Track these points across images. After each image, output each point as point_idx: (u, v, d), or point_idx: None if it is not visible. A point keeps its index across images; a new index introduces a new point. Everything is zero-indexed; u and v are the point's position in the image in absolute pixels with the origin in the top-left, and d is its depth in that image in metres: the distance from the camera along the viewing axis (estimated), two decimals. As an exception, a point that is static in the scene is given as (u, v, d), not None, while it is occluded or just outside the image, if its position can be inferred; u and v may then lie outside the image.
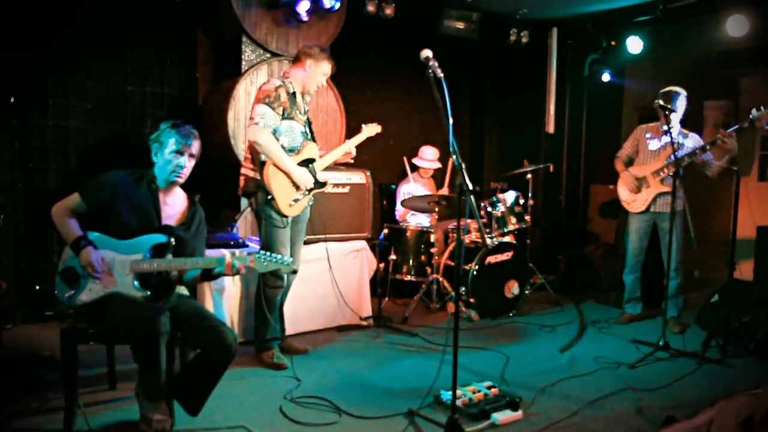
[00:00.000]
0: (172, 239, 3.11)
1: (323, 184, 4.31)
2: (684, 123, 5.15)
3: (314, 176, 4.22)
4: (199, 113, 5.41)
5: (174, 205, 3.22)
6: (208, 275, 3.15)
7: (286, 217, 4.10)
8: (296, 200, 4.13)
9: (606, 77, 6.88)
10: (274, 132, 3.99)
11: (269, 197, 4.01)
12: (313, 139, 4.33)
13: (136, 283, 3.03)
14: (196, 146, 3.17)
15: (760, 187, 6.93)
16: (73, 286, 3.00)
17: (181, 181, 3.18)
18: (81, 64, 4.89)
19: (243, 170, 4.19)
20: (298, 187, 4.12)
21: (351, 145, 4.48)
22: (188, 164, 3.16)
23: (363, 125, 4.65)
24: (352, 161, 4.61)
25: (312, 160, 4.23)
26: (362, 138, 4.58)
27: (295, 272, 4.32)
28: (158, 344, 2.84)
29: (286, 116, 4.04)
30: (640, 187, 5.15)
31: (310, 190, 4.23)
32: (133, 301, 2.98)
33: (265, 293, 4.16)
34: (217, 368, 3.05)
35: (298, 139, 4.15)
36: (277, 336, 4.28)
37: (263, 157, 4.00)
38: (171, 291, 3.24)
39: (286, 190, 4.07)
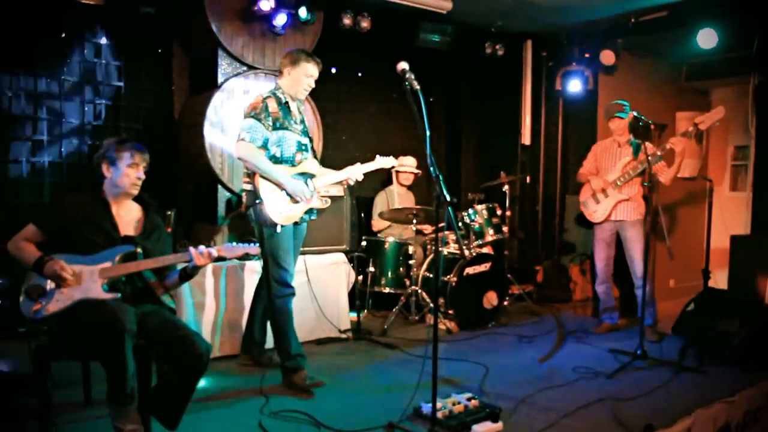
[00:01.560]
0: (139, 248, 3.12)
1: (322, 203, 4.14)
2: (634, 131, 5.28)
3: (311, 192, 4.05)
4: (175, 126, 5.37)
5: (128, 215, 3.23)
6: (186, 274, 3.21)
7: (275, 225, 3.87)
8: (287, 211, 3.92)
9: (576, 85, 6.91)
10: (265, 143, 3.86)
11: (257, 201, 3.84)
12: (314, 154, 4.19)
13: (105, 286, 3.00)
14: (147, 159, 3.24)
15: (733, 197, 7.06)
16: (40, 300, 2.95)
17: (136, 193, 3.21)
18: (55, 77, 4.83)
19: (243, 185, 4.01)
20: (290, 198, 3.93)
21: (358, 171, 4.30)
22: (142, 176, 3.21)
23: (378, 155, 4.51)
24: (352, 184, 4.40)
25: (310, 176, 4.07)
26: (373, 167, 4.42)
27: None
28: (122, 342, 2.77)
29: (278, 126, 3.90)
30: (602, 196, 5.24)
31: (299, 202, 3.97)
32: (99, 303, 2.94)
33: (276, 304, 3.96)
34: (190, 378, 3.00)
35: (292, 149, 3.98)
36: (302, 352, 4.05)
37: None
38: (144, 298, 3.19)
39: (277, 198, 3.88)
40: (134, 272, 3.11)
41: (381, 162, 4.50)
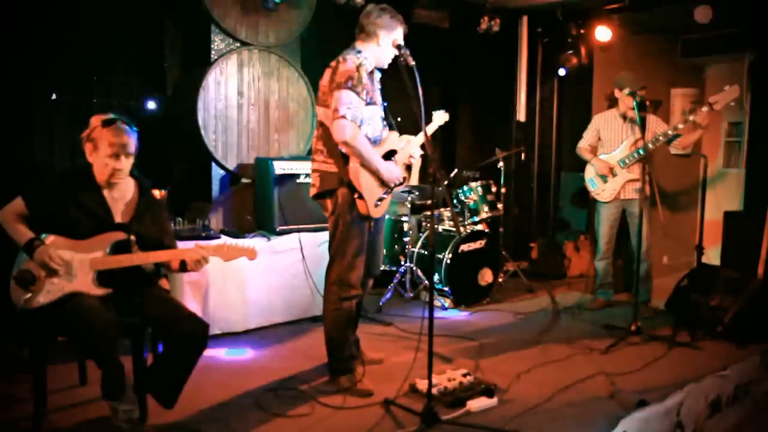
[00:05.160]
0: (132, 236, 3.00)
1: (402, 181, 3.68)
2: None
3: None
4: (168, 103, 5.32)
5: (123, 198, 3.08)
6: (184, 267, 3.05)
7: (369, 219, 3.54)
8: (381, 199, 3.54)
9: (571, 61, 6.87)
10: (362, 122, 3.41)
11: (356, 195, 3.42)
12: (391, 126, 3.69)
13: (96, 281, 2.91)
14: (132, 144, 2.99)
15: (726, 174, 7.06)
16: (29, 289, 2.88)
17: (121, 181, 3.03)
18: (45, 53, 4.76)
19: (315, 165, 3.54)
20: (382, 184, 3.54)
21: (429, 131, 3.78)
22: (126, 164, 2.99)
23: (433, 112, 4.10)
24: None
25: (393, 152, 3.64)
26: (435, 126, 4.10)
27: (376, 276, 3.93)
28: (103, 350, 2.76)
29: (369, 101, 3.45)
30: (609, 176, 5.20)
31: (392, 187, 3.62)
32: (84, 303, 2.83)
33: (341, 306, 3.55)
34: (189, 358, 2.99)
35: (379, 128, 3.57)
36: (353, 353, 3.71)
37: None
38: (139, 282, 3.09)
39: (372, 189, 3.47)
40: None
41: (439, 118, 4.15)
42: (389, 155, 3.63)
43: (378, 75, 3.67)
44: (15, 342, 3.90)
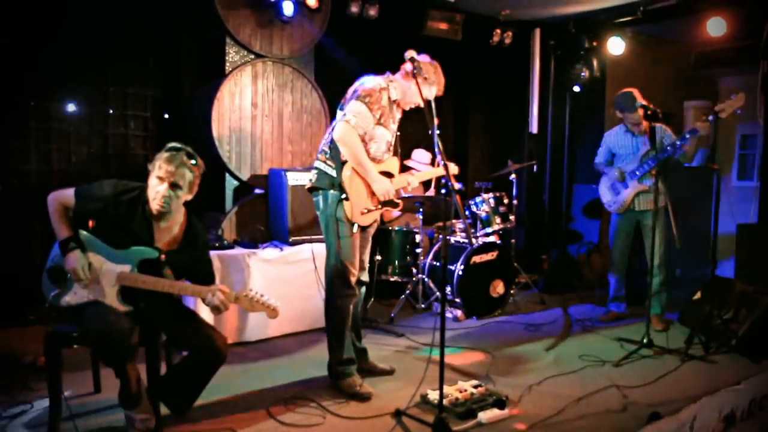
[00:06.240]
0: (163, 256, 3.00)
1: (396, 204, 3.88)
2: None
3: None
4: (182, 114, 5.38)
5: (169, 230, 3.07)
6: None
7: (353, 223, 3.70)
8: (369, 210, 3.74)
9: (584, 74, 6.90)
10: (363, 135, 3.64)
11: (343, 197, 3.62)
12: (395, 154, 3.97)
13: (120, 296, 2.93)
14: (181, 175, 2.95)
15: (740, 186, 7.04)
16: (59, 286, 2.95)
17: (163, 210, 2.96)
18: (62, 64, 4.83)
19: (317, 163, 3.75)
20: (372, 196, 3.74)
21: (432, 175, 4.39)
22: (169, 193, 2.94)
23: (448, 163, 4.06)
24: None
25: (390, 175, 3.88)
26: (441, 172, 4.12)
27: (362, 284, 3.99)
28: (121, 362, 2.81)
29: (381, 122, 3.70)
30: (621, 187, 5.19)
31: (383, 204, 3.81)
32: (107, 315, 2.85)
33: (336, 303, 3.74)
34: (207, 371, 3.02)
35: (383, 149, 3.80)
36: (352, 356, 3.83)
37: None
38: (159, 306, 3.08)
39: (361, 196, 3.68)
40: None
41: (451, 168, 4.19)
42: (386, 176, 3.80)
43: (397, 112, 3.89)
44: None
